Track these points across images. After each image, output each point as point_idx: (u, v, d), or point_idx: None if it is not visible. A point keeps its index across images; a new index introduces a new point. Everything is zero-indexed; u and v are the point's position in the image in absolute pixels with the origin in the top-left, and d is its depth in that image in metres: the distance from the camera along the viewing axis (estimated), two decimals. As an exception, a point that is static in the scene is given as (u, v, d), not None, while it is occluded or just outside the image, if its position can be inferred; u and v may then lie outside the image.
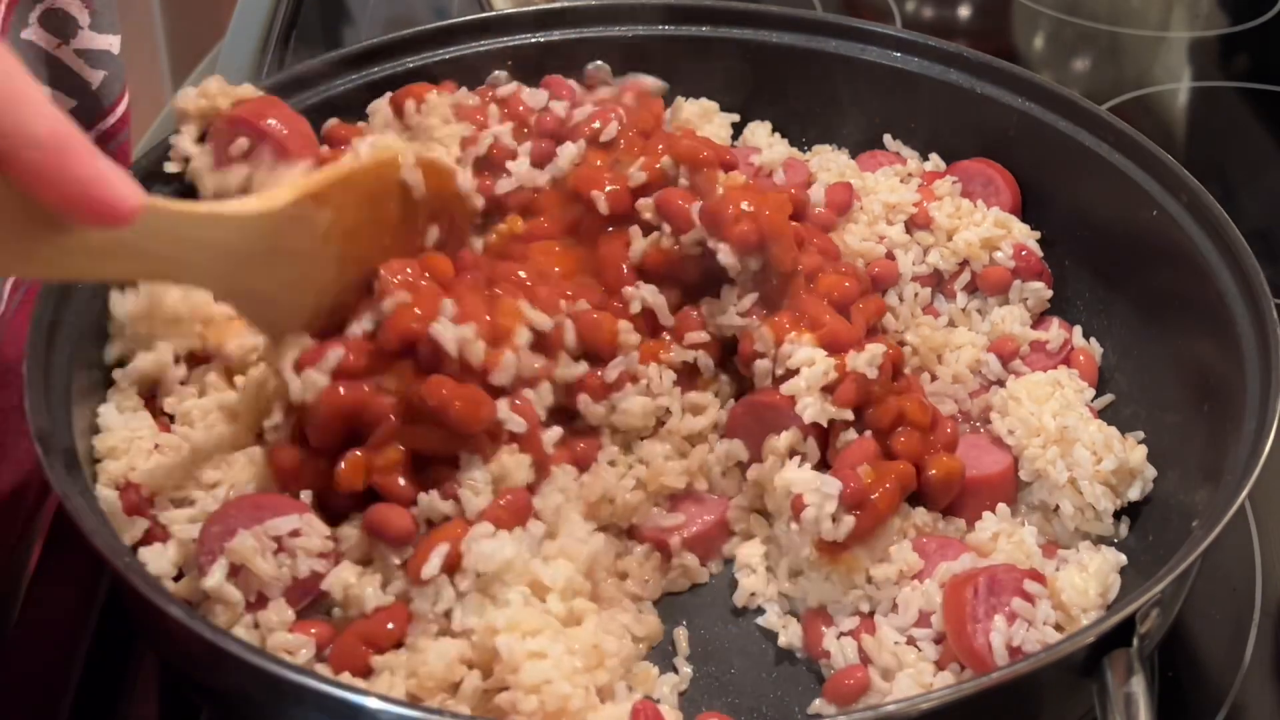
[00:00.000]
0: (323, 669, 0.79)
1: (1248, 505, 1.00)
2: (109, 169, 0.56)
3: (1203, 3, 1.66)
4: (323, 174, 0.84)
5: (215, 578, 0.78)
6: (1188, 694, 0.90)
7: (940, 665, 0.81)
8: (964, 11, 1.67)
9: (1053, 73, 1.53)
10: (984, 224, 1.04)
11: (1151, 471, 0.92)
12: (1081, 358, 1.01)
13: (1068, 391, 0.96)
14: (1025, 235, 1.06)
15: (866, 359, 0.90)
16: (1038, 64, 1.55)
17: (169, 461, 0.87)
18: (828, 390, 0.89)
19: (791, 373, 0.90)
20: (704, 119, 1.14)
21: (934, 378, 1.00)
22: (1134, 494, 0.91)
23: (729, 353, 0.97)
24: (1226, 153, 1.41)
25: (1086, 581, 0.83)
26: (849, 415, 0.89)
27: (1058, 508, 0.90)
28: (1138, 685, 0.68)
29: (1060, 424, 0.92)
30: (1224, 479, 0.80)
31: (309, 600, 0.81)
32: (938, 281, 1.05)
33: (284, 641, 0.78)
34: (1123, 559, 0.87)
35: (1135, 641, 0.70)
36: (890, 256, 1.03)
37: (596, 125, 1.02)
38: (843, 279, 0.95)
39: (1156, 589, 0.70)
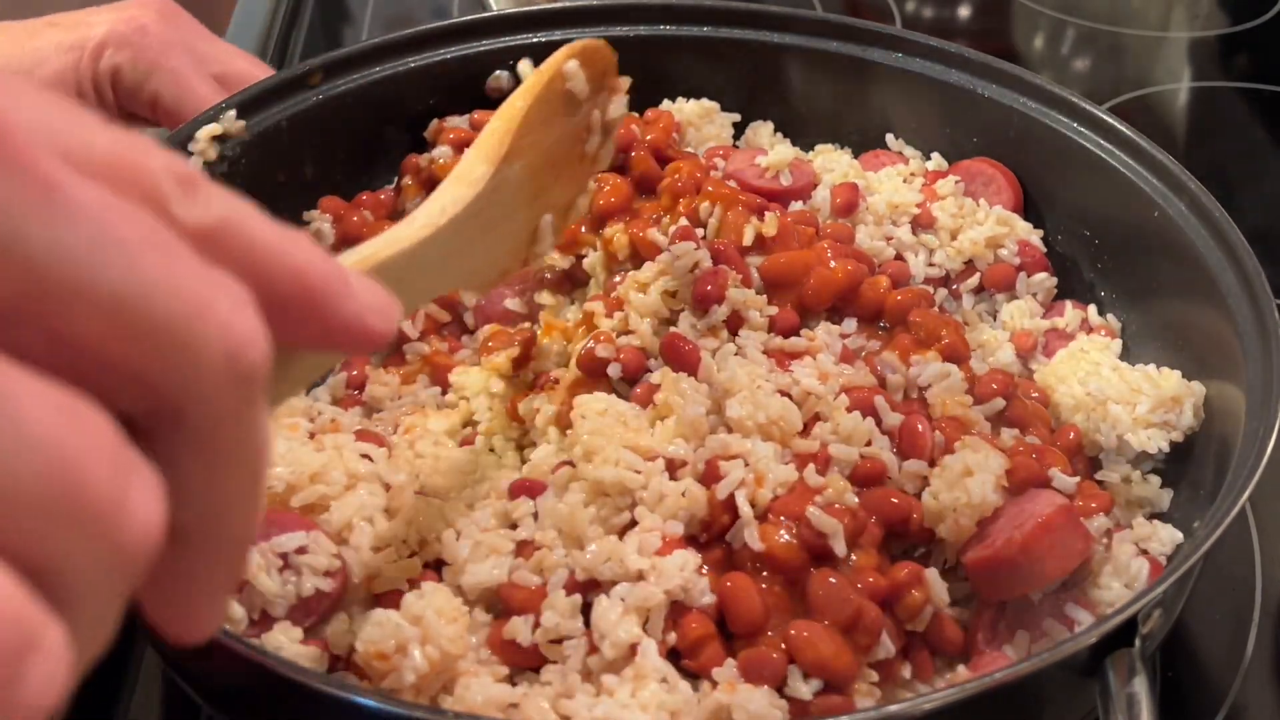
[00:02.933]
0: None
1: (1248, 506, 0.99)
2: (365, 299, 0.48)
3: (1203, 3, 1.66)
4: (502, 125, 0.77)
5: None
6: (1187, 694, 0.90)
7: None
8: (964, 11, 1.67)
9: (1053, 73, 1.53)
10: (987, 222, 1.05)
11: (1199, 388, 0.91)
12: (1103, 331, 1.01)
13: (1092, 354, 0.96)
14: (1028, 232, 1.06)
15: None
16: (1038, 64, 1.55)
17: None
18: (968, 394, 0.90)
19: (923, 389, 0.90)
20: (705, 119, 1.14)
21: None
22: (1189, 419, 0.90)
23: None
24: (1226, 153, 1.41)
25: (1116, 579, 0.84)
26: (1000, 405, 0.89)
27: (1103, 483, 0.90)
28: (1140, 686, 0.68)
29: (1085, 390, 0.92)
30: (1226, 480, 0.80)
31: (312, 621, 0.80)
32: (944, 284, 1.05)
33: (296, 654, 0.77)
34: (1179, 536, 0.86)
35: (1137, 642, 0.70)
36: (900, 258, 1.03)
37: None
38: (918, 293, 0.97)
39: (1158, 590, 0.70)
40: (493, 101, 1.13)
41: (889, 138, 1.15)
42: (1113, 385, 0.91)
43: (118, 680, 0.89)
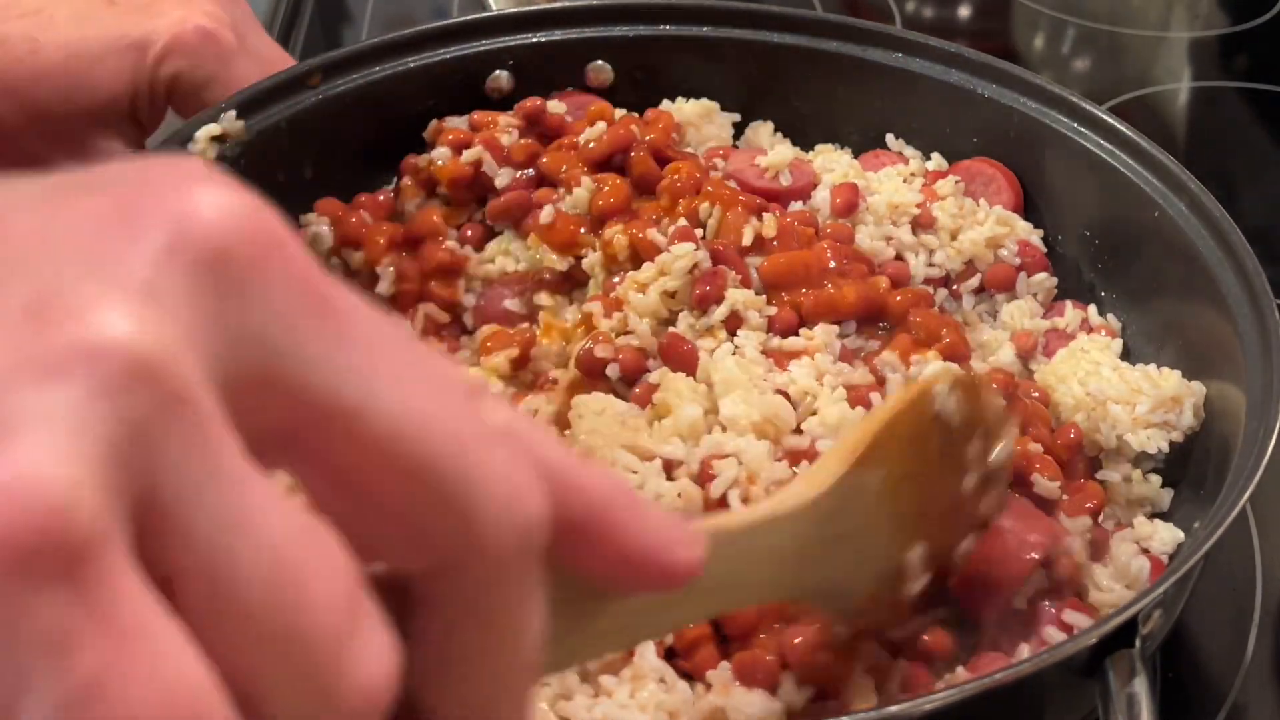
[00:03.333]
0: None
1: (1248, 506, 0.99)
2: (661, 525, 0.43)
3: (1203, 3, 1.66)
4: (865, 429, 0.71)
5: None
6: (1188, 694, 0.90)
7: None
8: (964, 11, 1.66)
9: (1053, 73, 1.53)
10: (987, 222, 1.04)
11: (1199, 388, 0.91)
12: (1103, 331, 1.01)
13: (1092, 354, 0.95)
14: (1028, 232, 1.06)
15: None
16: (1038, 64, 1.55)
17: None
18: None
19: None
20: (705, 119, 1.14)
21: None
22: (1189, 419, 0.90)
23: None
24: (1226, 153, 1.41)
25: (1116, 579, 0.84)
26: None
27: (1104, 482, 0.90)
28: (1140, 686, 0.68)
29: (1084, 390, 0.92)
30: (1226, 480, 0.80)
31: None
32: (944, 284, 1.05)
33: None
34: (1180, 535, 0.86)
35: (1138, 643, 0.70)
36: (899, 258, 1.03)
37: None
38: (918, 294, 0.97)
39: (1158, 590, 0.70)
40: (493, 102, 1.13)
41: (889, 138, 1.15)
42: (1112, 385, 0.91)
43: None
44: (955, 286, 1.04)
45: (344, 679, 0.33)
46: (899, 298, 0.95)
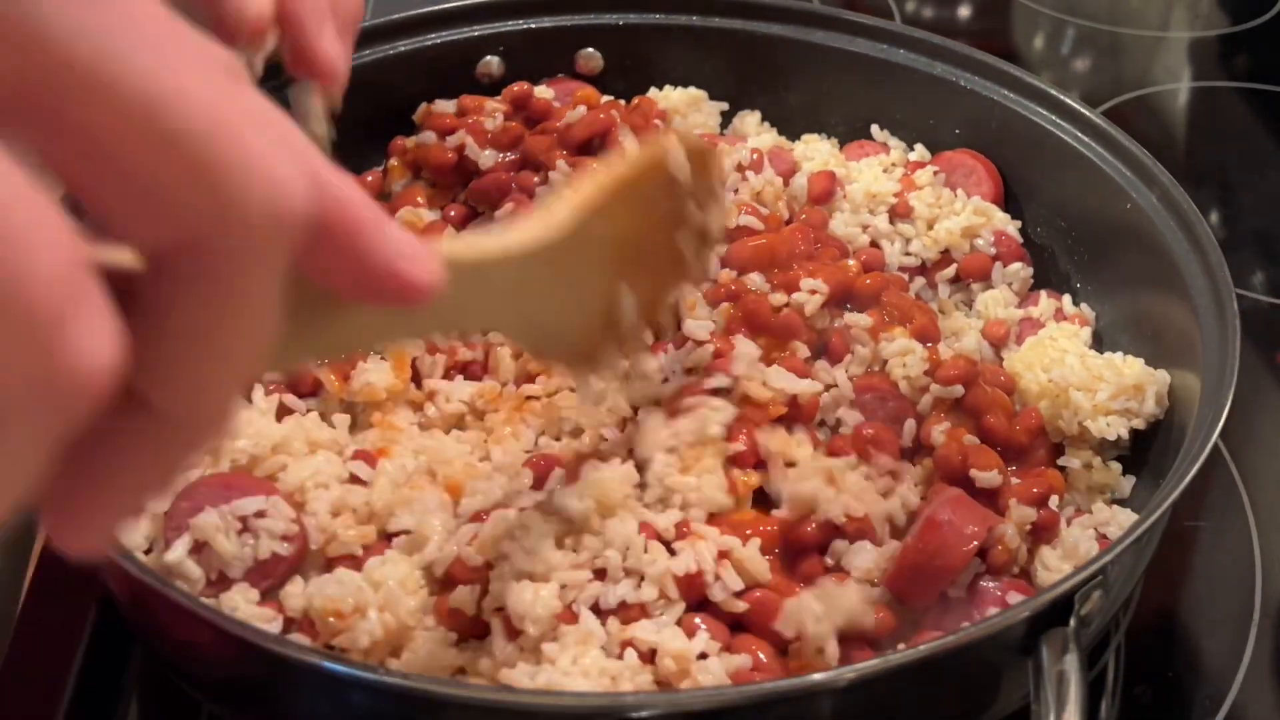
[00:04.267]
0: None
1: (1248, 506, 1.00)
2: (404, 243, 0.45)
3: (1203, 3, 1.65)
4: (599, 183, 0.75)
5: (177, 553, 0.79)
6: (1187, 694, 0.90)
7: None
8: (964, 11, 1.67)
9: (1053, 73, 1.53)
10: (964, 213, 1.05)
11: (1164, 376, 0.92)
12: (1076, 321, 1.01)
13: (1060, 341, 0.96)
14: (1004, 223, 1.06)
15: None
16: (1038, 64, 1.55)
17: None
18: (927, 375, 0.91)
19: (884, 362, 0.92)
20: (692, 107, 1.15)
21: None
22: (1151, 407, 0.91)
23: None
24: (1226, 153, 1.40)
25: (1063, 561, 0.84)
26: (958, 391, 0.90)
27: (1065, 469, 0.91)
28: (1070, 664, 0.68)
29: (1048, 377, 0.92)
30: (1167, 474, 0.80)
31: (269, 584, 0.81)
32: (921, 272, 1.05)
33: (251, 615, 0.78)
34: (1134, 518, 0.87)
35: (1072, 621, 0.70)
36: (875, 245, 1.04)
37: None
38: (890, 277, 0.99)
39: (1092, 567, 0.71)
40: (483, 86, 1.14)
41: (874, 129, 1.15)
42: (1075, 372, 0.92)
43: (115, 685, 0.89)
44: (931, 275, 1.04)
45: (64, 357, 0.32)
46: (869, 280, 0.95)
